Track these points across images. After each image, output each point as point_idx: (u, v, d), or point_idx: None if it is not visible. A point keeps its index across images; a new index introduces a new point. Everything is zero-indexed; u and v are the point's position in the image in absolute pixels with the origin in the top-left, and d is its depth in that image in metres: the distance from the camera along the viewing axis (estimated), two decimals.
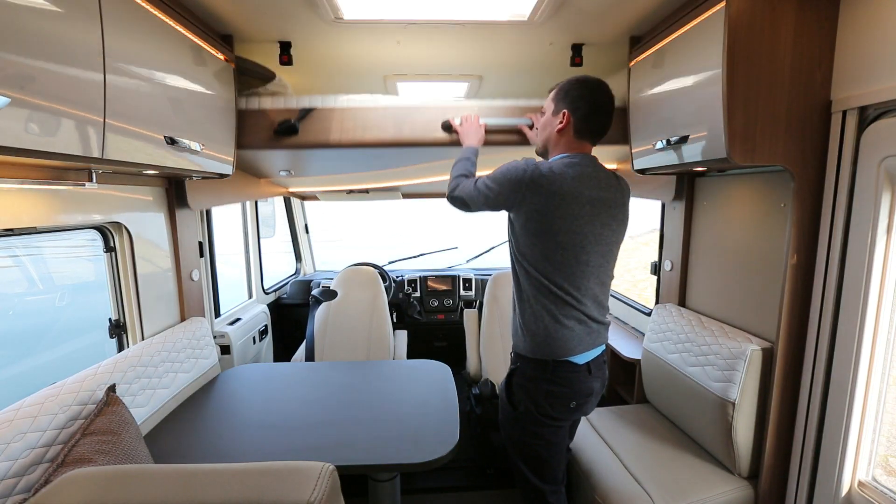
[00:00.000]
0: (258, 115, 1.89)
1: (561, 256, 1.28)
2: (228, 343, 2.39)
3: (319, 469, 0.90)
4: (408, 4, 1.55)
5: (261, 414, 1.64)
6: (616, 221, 1.37)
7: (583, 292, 1.32)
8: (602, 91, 1.33)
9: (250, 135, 1.87)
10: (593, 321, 1.36)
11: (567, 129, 1.36)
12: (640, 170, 1.87)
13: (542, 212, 1.26)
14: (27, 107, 0.91)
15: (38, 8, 0.93)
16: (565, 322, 1.31)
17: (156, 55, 1.32)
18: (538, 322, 1.32)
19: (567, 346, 1.31)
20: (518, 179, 1.27)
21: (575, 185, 1.26)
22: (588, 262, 1.31)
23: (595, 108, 1.33)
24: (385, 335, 2.71)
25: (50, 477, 1.09)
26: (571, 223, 1.27)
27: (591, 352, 1.37)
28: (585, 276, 1.32)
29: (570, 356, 1.32)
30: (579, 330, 1.33)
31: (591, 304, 1.35)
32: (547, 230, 1.27)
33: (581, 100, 1.33)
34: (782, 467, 1.51)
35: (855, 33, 1.25)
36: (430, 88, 2.69)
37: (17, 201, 1.26)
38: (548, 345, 1.31)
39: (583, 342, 1.33)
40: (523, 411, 1.38)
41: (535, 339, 1.33)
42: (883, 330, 1.26)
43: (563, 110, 1.36)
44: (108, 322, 1.72)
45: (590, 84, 1.34)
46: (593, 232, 1.30)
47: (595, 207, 1.29)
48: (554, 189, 1.24)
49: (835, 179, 1.31)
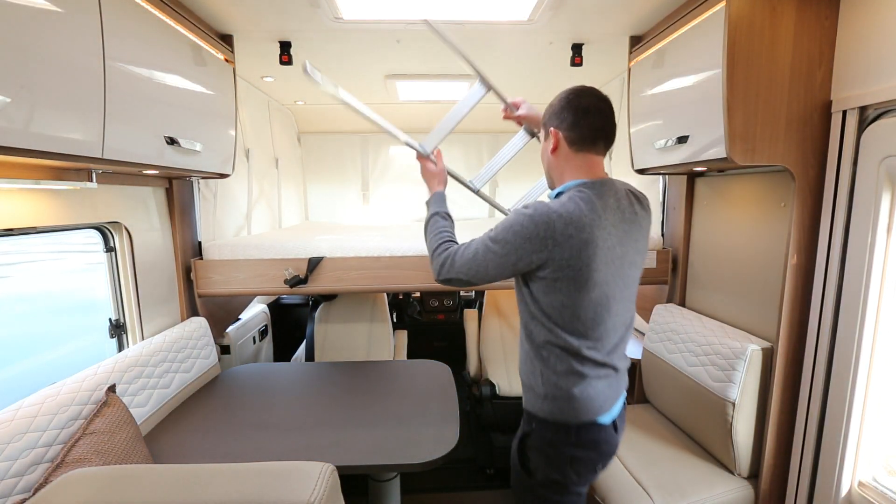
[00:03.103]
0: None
1: (594, 313, 1.09)
2: (228, 343, 2.39)
3: (319, 469, 0.90)
4: (408, 4, 1.55)
5: (261, 414, 1.64)
6: (640, 255, 1.19)
7: (610, 345, 1.15)
8: (586, 93, 1.13)
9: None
10: (616, 370, 1.18)
11: (561, 147, 1.15)
12: (639, 170, 1.87)
13: (575, 266, 1.03)
14: (27, 107, 0.91)
15: (38, 8, 0.93)
16: (592, 382, 1.13)
17: (156, 55, 1.32)
18: (560, 384, 1.13)
19: (593, 407, 1.13)
20: (536, 233, 1.03)
21: (601, 222, 1.06)
22: (617, 313, 1.13)
23: (581, 111, 1.11)
24: (385, 335, 2.71)
25: (50, 477, 1.09)
26: (606, 273, 1.07)
27: (616, 405, 1.20)
28: (615, 326, 1.14)
29: (597, 417, 1.14)
30: (604, 387, 1.15)
31: (617, 355, 1.18)
32: (580, 287, 1.06)
33: (564, 109, 1.13)
34: (782, 467, 1.51)
35: (855, 33, 1.25)
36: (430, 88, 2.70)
37: (17, 201, 1.26)
38: (572, 408, 1.13)
39: (608, 399, 1.16)
40: (542, 479, 1.20)
41: (555, 403, 1.14)
42: (883, 330, 1.26)
43: (549, 128, 1.16)
44: (108, 322, 1.72)
45: (571, 91, 1.15)
46: (622, 276, 1.12)
47: (624, 246, 1.11)
48: (585, 236, 1.02)
49: (835, 179, 1.31)
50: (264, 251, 2.04)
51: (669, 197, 2.16)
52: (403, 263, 2.06)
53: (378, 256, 2.05)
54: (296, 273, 2.01)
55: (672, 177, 2.11)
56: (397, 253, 2.07)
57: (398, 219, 3.83)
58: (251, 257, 2.04)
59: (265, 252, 2.04)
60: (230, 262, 2.03)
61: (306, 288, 2.03)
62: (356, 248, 2.07)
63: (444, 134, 1.41)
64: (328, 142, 3.76)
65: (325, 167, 3.81)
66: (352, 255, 2.06)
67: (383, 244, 2.08)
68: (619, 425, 1.21)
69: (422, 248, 2.08)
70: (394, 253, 2.07)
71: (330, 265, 2.04)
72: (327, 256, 2.04)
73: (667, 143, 1.56)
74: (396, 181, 3.82)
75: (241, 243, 2.07)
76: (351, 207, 3.87)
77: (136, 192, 1.73)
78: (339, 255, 2.05)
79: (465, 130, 3.71)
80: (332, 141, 3.76)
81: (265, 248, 2.05)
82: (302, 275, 2.00)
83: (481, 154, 3.83)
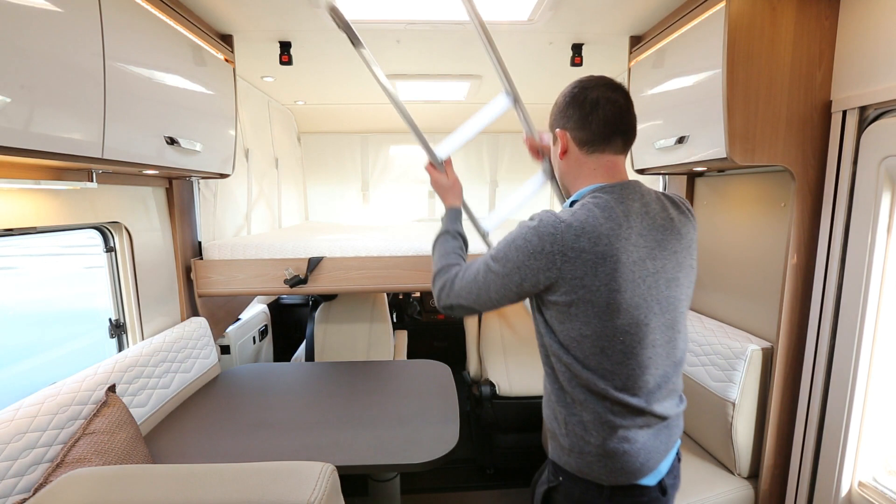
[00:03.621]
0: None
1: (621, 345, 0.89)
2: (228, 343, 2.39)
3: (319, 469, 0.90)
4: (408, 4, 1.55)
5: (261, 414, 1.64)
6: (684, 272, 0.96)
7: (651, 387, 0.93)
8: (594, 84, 0.96)
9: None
10: (665, 419, 0.97)
11: (571, 150, 0.99)
12: (639, 170, 1.87)
13: (591, 287, 0.86)
14: (27, 107, 0.91)
15: (38, 8, 0.93)
16: (628, 435, 0.92)
17: (156, 55, 1.32)
18: (588, 435, 0.93)
19: (631, 468, 0.92)
20: (541, 248, 0.87)
21: (622, 232, 0.88)
22: (654, 343, 0.92)
23: (590, 104, 0.94)
24: (385, 335, 2.71)
25: (50, 477, 1.09)
26: (633, 293, 0.87)
27: (665, 461, 0.98)
28: (654, 362, 0.92)
29: (637, 479, 0.94)
30: (647, 439, 0.94)
31: (664, 399, 0.96)
32: (601, 313, 0.87)
33: (569, 106, 0.97)
34: (782, 467, 1.51)
35: (855, 33, 1.25)
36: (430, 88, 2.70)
37: (17, 201, 1.26)
38: (603, 465, 0.93)
39: (652, 455, 0.94)
40: None
41: (583, 459, 0.95)
42: (883, 330, 1.26)
43: (556, 130, 1.01)
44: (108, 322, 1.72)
45: (576, 83, 0.98)
46: (658, 297, 0.91)
47: (658, 260, 0.91)
48: (601, 249, 0.85)
49: (835, 179, 1.31)
50: (264, 251, 2.04)
51: None
52: (403, 263, 2.06)
53: (378, 256, 2.05)
54: (296, 273, 2.01)
55: (672, 177, 2.11)
56: (397, 253, 2.07)
57: (398, 219, 3.83)
58: (251, 257, 2.04)
59: (265, 252, 2.04)
60: (230, 262, 2.03)
61: (306, 288, 2.03)
62: (356, 248, 2.07)
63: (461, 144, 1.28)
64: (328, 142, 3.76)
65: (325, 167, 3.81)
66: (352, 255, 2.06)
67: (383, 244, 2.08)
68: (668, 487, 0.99)
69: (421, 248, 2.08)
70: (394, 253, 2.07)
71: (330, 265, 2.04)
72: (327, 256, 2.04)
73: (666, 143, 1.56)
74: (396, 181, 3.82)
75: (240, 243, 2.07)
76: (351, 207, 3.88)
77: (136, 192, 1.73)
78: (339, 255, 2.05)
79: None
80: (332, 141, 3.76)
81: (265, 248, 2.05)
82: (302, 275, 2.00)
83: (481, 154, 3.83)
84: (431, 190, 3.72)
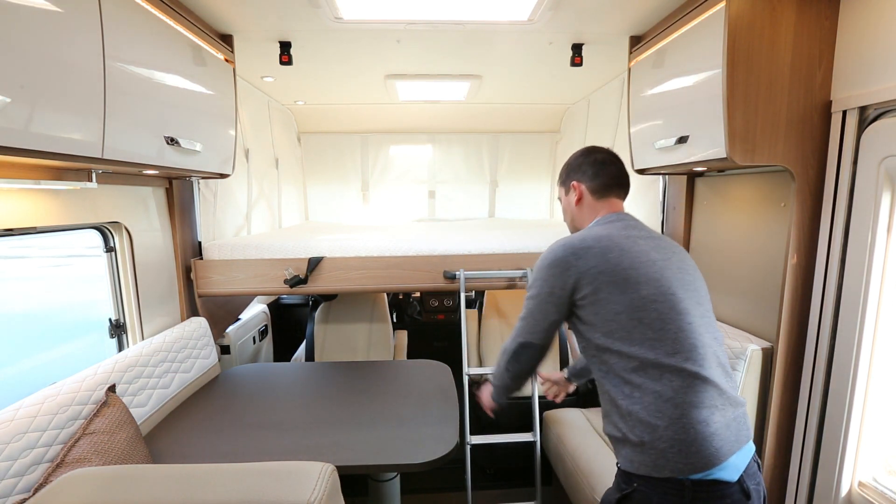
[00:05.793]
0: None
1: (655, 312, 1.00)
2: (228, 343, 2.39)
3: (319, 469, 0.90)
4: (408, 4, 1.55)
5: (261, 414, 1.64)
6: (691, 269, 1.12)
7: (701, 353, 0.99)
8: (599, 149, 1.27)
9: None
10: (728, 401, 0.99)
11: (585, 197, 1.24)
12: (639, 170, 1.87)
13: (606, 271, 1.03)
14: (27, 107, 0.91)
15: (38, 8, 0.93)
16: (696, 415, 0.94)
17: (156, 55, 1.32)
18: (655, 419, 0.95)
19: (708, 450, 0.93)
20: (555, 259, 1.09)
21: (626, 232, 1.11)
22: (688, 311, 1.02)
23: (599, 163, 1.23)
24: (385, 335, 2.71)
25: (50, 477, 1.09)
26: (647, 270, 1.03)
27: (740, 454, 0.97)
28: (694, 329, 1.00)
29: (715, 467, 0.93)
30: (717, 422, 0.95)
31: (718, 371, 1.01)
32: (623, 287, 1.01)
33: (583, 164, 1.25)
34: (782, 467, 1.51)
35: (855, 33, 1.25)
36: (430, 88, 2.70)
37: (17, 201, 1.26)
38: (677, 451, 0.93)
39: (726, 439, 0.95)
40: None
41: (655, 448, 0.95)
42: (883, 330, 1.26)
43: (571, 183, 1.26)
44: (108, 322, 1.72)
45: (584, 149, 1.28)
46: (675, 277, 1.05)
47: (660, 253, 1.09)
48: (605, 244, 1.06)
49: (835, 179, 1.31)
50: (264, 251, 2.04)
51: (669, 197, 2.16)
52: (403, 263, 2.06)
53: (378, 256, 2.05)
54: (296, 273, 2.01)
55: (672, 177, 2.11)
56: (397, 253, 2.07)
57: (398, 219, 3.83)
58: (251, 257, 2.04)
59: (265, 252, 2.04)
60: (230, 262, 2.03)
61: (306, 288, 2.03)
62: (356, 248, 2.07)
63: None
64: (328, 142, 3.76)
65: (325, 167, 3.81)
66: (352, 255, 2.06)
67: (383, 244, 2.08)
68: (750, 491, 0.96)
69: (421, 249, 2.08)
70: (394, 253, 2.07)
71: (330, 265, 2.04)
72: (327, 256, 2.04)
73: (666, 143, 1.56)
74: (396, 181, 3.82)
75: (240, 243, 2.07)
76: (351, 207, 3.87)
77: (136, 192, 1.73)
78: (339, 255, 2.05)
79: (466, 130, 3.71)
80: (332, 141, 3.76)
81: (265, 248, 2.05)
82: (302, 275, 2.00)
83: (481, 154, 3.83)
84: (431, 190, 3.73)
